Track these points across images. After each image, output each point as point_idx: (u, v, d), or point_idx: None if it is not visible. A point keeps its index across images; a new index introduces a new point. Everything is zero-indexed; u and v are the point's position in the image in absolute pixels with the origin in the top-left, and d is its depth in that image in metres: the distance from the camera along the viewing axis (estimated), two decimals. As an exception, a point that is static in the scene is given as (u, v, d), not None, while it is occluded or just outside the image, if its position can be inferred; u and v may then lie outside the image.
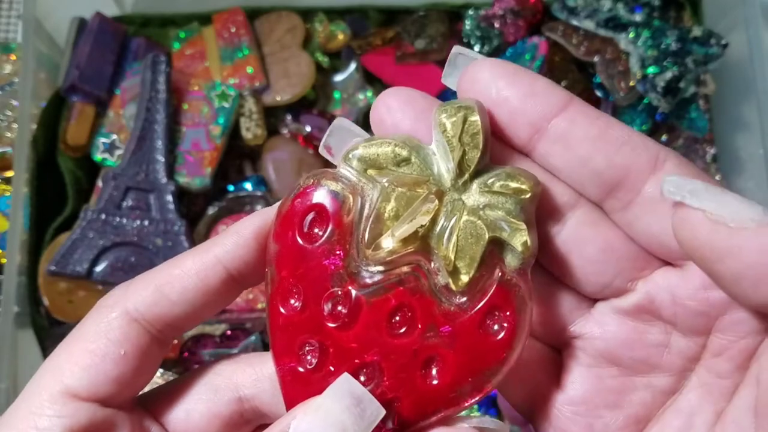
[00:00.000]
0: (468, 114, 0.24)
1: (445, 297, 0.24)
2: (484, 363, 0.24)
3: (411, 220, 0.24)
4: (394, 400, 0.25)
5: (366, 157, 0.24)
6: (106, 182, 0.65)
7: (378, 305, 0.24)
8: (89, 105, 0.69)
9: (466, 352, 0.24)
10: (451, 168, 0.24)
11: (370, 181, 0.25)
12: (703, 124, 0.68)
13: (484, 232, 0.24)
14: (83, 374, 0.25)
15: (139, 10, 0.77)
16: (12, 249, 0.61)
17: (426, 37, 0.72)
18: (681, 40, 0.65)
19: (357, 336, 0.25)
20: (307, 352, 0.25)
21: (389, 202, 0.24)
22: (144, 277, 0.26)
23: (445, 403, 0.25)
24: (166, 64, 0.67)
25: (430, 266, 0.24)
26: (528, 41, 0.69)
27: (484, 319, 0.24)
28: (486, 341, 0.24)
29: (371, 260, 0.24)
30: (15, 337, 0.60)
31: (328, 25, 0.74)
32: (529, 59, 0.68)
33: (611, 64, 0.67)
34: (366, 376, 0.25)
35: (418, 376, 0.25)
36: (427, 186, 0.24)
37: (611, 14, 0.67)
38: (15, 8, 0.82)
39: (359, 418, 0.23)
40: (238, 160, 0.73)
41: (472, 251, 0.24)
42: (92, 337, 0.25)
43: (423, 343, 0.24)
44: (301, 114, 0.73)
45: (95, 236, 0.63)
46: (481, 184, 0.24)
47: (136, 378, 0.26)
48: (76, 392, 0.25)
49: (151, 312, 0.26)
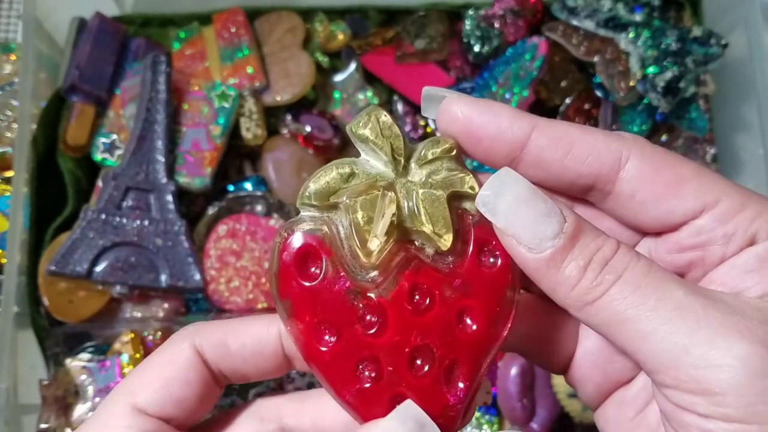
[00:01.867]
0: (377, 114, 0.28)
1: (440, 262, 0.27)
2: (499, 290, 0.28)
3: (382, 216, 0.27)
4: (453, 362, 0.27)
5: (319, 191, 0.27)
6: (106, 182, 0.65)
7: (397, 297, 0.27)
8: (89, 105, 0.69)
9: (481, 289, 0.27)
10: (389, 161, 0.27)
11: (332, 207, 0.27)
12: (703, 124, 0.68)
13: (441, 193, 0.27)
14: (152, 394, 0.28)
15: (139, 10, 0.77)
16: (12, 249, 0.61)
17: (426, 37, 0.72)
18: (681, 40, 0.65)
19: (395, 331, 0.27)
20: (362, 369, 0.27)
21: (357, 212, 0.27)
22: (218, 322, 0.30)
23: (490, 341, 0.28)
24: (166, 64, 0.67)
25: (416, 245, 0.28)
26: (528, 41, 0.69)
27: (479, 257, 0.28)
28: (490, 272, 0.27)
29: (369, 266, 0.27)
30: (15, 337, 0.60)
31: (328, 25, 0.74)
32: (529, 59, 0.68)
33: (611, 64, 0.67)
34: (421, 358, 0.27)
35: (458, 331, 0.27)
36: (379, 184, 0.27)
37: (611, 14, 0.67)
38: (15, 8, 0.82)
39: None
40: (238, 160, 0.73)
41: (441, 213, 0.27)
42: (164, 362, 0.29)
43: (448, 305, 0.27)
44: (301, 114, 0.73)
45: (95, 236, 0.63)
46: (417, 161, 0.28)
47: (197, 404, 0.29)
48: (144, 408, 0.28)
49: (212, 354, 0.29)
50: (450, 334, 0.27)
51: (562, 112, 0.70)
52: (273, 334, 0.29)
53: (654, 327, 0.24)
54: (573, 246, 0.25)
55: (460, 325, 0.27)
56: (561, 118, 0.69)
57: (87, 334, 0.64)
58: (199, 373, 0.29)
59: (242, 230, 0.68)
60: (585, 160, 0.27)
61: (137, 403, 0.28)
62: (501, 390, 0.63)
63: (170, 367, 0.28)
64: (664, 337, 0.24)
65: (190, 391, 0.28)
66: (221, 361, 0.29)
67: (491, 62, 0.70)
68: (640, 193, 0.27)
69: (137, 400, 0.28)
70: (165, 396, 0.28)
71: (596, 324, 0.25)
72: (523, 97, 0.68)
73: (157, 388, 0.28)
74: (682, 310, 0.24)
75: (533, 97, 0.68)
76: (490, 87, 0.69)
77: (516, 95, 0.68)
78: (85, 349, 0.63)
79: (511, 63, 0.69)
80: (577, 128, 0.27)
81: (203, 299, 0.67)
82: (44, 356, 0.64)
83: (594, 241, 0.25)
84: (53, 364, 0.63)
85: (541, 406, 0.64)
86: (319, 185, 0.27)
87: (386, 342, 0.27)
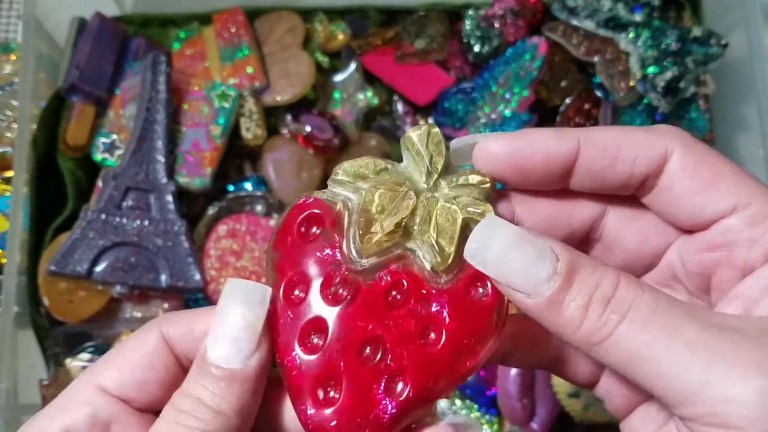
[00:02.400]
0: (431, 128, 0.28)
1: (432, 279, 0.27)
2: (475, 325, 0.27)
3: (395, 213, 0.27)
4: (401, 369, 0.27)
5: (351, 170, 0.28)
6: (106, 182, 0.65)
7: (375, 285, 0.27)
8: (89, 105, 0.69)
9: (458, 316, 0.27)
10: (423, 172, 0.28)
11: (356, 191, 0.28)
12: (703, 124, 0.68)
13: (458, 213, 0.27)
14: (115, 375, 0.29)
15: (139, 10, 0.77)
16: (12, 249, 0.61)
17: (426, 37, 0.72)
18: (681, 40, 0.65)
19: (358, 313, 0.27)
20: (313, 336, 0.27)
21: (374, 200, 0.27)
22: (185, 311, 0.31)
23: (447, 369, 0.27)
24: (166, 64, 0.67)
25: (415, 254, 0.28)
26: (528, 41, 0.69)
27: (469, 288, 0.27)
28: (473, 305, 0.27)
29: (364, 252, 0.27)
30: (15, 337, 0.60)
31: (328, 25, 0.74)
32: (529, 59, 0.68)
33: (611, 64, 0.67)
34: (371, 349, 0.27)
35: (419, 344, 0.27)
36: (406, 186, 0.28)
37: (611, 14, 0.67)
38: (15, 8, 0.82)
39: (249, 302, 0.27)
40: (238, 160, 0.73)
41: (451, 230, 0.27)
42: (130, 348, 0.30)
43: (419, 314, 0.27)
44: (301, 114, 0.73)
45: (95, 236, 0.63)
46: (449, 181, 0.28)
47: (158, 389, 0.29)
48: (106, 388, 0.29)
49: (179, 340, 0.30)
50: (409, 342, 0.27)
51: (562, 112, 0.70)
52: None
53: (668, 366, 0.24)
54: (570, 285, 0.25)
55: (422, 340, 0.27)
56: (561, 118, 0.69)
57: (87, 334, 0.64)
58: (162, 358, 0.30)
59: (242, 230, 0.68)
60: (634, 162, 0.27)
61: (100, 382, 0.29)
62: (501, 390, 0.63)
63: (135, 352, 0.29)
64: (680, 375, 0.24)
65: (153, 375, 0.29)
66: (188, 346, 0.30)
67: (491, 62, 0.70)
68: (678, 185, 0.27)
69: (101, 379, 0.29)
70: (127, 377, 0.29)
71: (608, 363, 0.25)
72: (523, 97, 0.68)
73: (120, 369, 0.29)
74: (695, 346, 0.24)
75: (533, 97, 0.68)
76: (490, 87, 0.69)
77: (516, 95, 0.68)
78: (85, 349, 0.63)
79: (511, 63, 0.69)
80: (619, 131, 0.28)
81: (203, 299, 0.67)
82: (44, 356, 0.64)
83: (591, 277, 0.25)
84: (53, 364, 0.63)
85: (541, 406, 0.64)
86: (351, 165, 0.28)
87: (346, 319, 0.27)
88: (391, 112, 0.74)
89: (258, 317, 0.27)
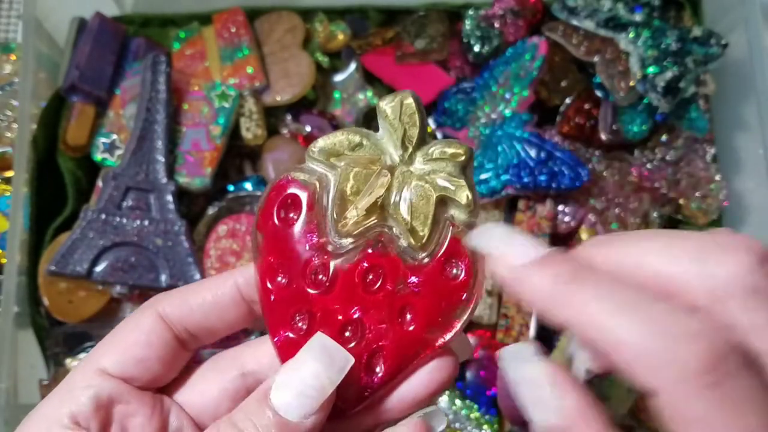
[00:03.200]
0: (403, 98, 0.28)
1: (408, 256, 0.28)
2: (449, 303, 0.28)
3: (370, 193, 0.28)
4: (379, 349, 0.29)
5: (325, 148, 0.29)
6: (106, 182, 0.65)
7: (353, 269, 0.28)
8: (89, 105, 0.69)
9: (433, 296, 0.28)
10: (397, 145, 0.28)
11: (332, 167, 0.29)
12: (703, 125, 0.68)
13: (432, 192, 0.28)
14: (114, 356, 0.30)
15: (139, 10, 0.77)
16: (12, 249, 0.61)
17: (426, 37, 0.72)
18: (681, 40, 0.65)
19: (338, 298, 0.28)
20: (298, 320, 0.29)
21: (349, 181, 0.28)
22: (177, 289, 0.32)
23: (422, 344, 0.28)
24: (166, 65, 0.67)
25: (392, 232, 0.28)
26: (528, 41, 0.69)
27: (444, 267, 0.28)
28: (448, 284, 0.28)
29: (341, 233, 0.28)
30: (15, 337, 0.60)
31: (328, 25, 0.74)
32: (529, 59, 0.68)
33: (611, 64, 0.67)
34: (351, 331, 0.28)
35: (395, 324, 0.28)
36: (380, 163, 0.28)
37: (611, 14, 0.67)
38: (15, 8, 0.82)
39: (330, 366, 0.27)
40: (238, 160, 0.73)
41: (425, 210, 0.28)
42: (126, 329, 0.31)
43: (396, 296, 0.28)
44: (301, 114, 0.73)
45: (95, 236, 0.63)
46: (424, 154, 0.28)
47: (158, 366, 0.30)
48: (106, 369, 0.30)
49: (175, 315, 0.31)
50: (387, 323, 0.28)
51: (562, 112, 0.70)
52: (229, 284, 0.31)
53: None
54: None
55: (399, 319, 0.28)
56: (561, 118, 0.69)
57: (87, 334, 0.64)
58: (160, 335, 0.30)
59: (242, 230, 0.68)
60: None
61: (100, 365, 0.30)
62: (501, 391, 0.63)
63: (133, 332, 0.30)
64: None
65: (151, 352, 0.30)
66: (185, 319, 0.31)
67: (491, 62, 0.70)
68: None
69: (101, 361, 0.30)
70: (126, 357, 0.30)
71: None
72: (523, 97, 0.68)
73: (119, 350, 0.30)
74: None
75: (533, 97, 0.68)
76: (490, 87, 0.69)
77: (516, 95, 0.68)
78: (85, 349, 0.63)
79: (511, 63, 0.69)
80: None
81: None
82: (44, 356, 0.64)
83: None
84: (53, 364, 0.63)
85: None
86: (326, 143, 0.29)
87: (327, 304, 0.28)
88: (391, 112, 0.74)
89: (332, 382, 0.27)
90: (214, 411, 0.32)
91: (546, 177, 0.65)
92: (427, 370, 0.29)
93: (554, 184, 0.65)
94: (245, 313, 0.32)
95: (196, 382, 0.32)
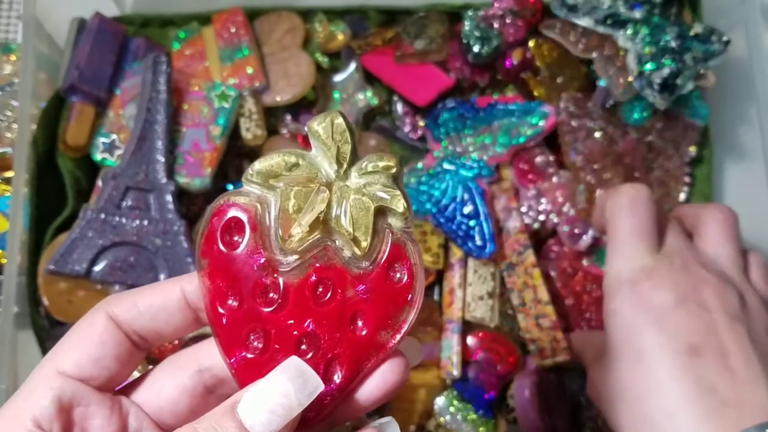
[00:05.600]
0: (334, 118, 0.30)
1: (353, 265, 0.30)
2: (396, 306, 0.30)
3: (311, 210, 0.29)
4: (335, 357, 0.30)
5: (263, 170, 0.30)
6: (105, 182, 0.65)
7: (302, 284, 0.30)
8: (89, 105, 0.69)
9: (380, 300, 0.30)
10: (332, 162, 0.30)
11: (271, 189, 0.30)
12: (705, 113, 0.68)
13: (370, 203, 0.29)
14: (71, 357, 0.31)
15: (139, 10, 0.77)
16: (12, 249, 0.61)
17: (426, 38, 0.72)
18: (680, 37, 0.64)
19: (291, 313, 0.30)
20: (252, 339, 0.30)
21: (290, 200, 0.29)
22: (130, 291, 0.33)
23: (375, 347, 0.30)
24: (166, 65, 0.67)
25: (335, 244, 0.30)
26: (544, 106, 0.69)
27: (388, 272, 0.30)
28: (393, 288, 0.30)
29: (287, 251, 0.29)
30: (15, 337, 0.60)
31: (328, 25, 0.74)
32: (533, 123, 0.68)
33: (609, 61, 0.67)
34: (307, 344, 0.30)
35: (348, 331, 0.30)
36: (317, 180, 0.30)
37: (611, 11, 0.67)
38: (15, 8, 0.82)
39: (302, 388, 0.28)
40: (238, 160, 0.73)
41: (365, 221, 0.29)
42: (80, 329, 0.32)
43: (345, 304, 0.30)
44: (301, 114, 0.73)
45: (94, 236, 0.63)
46: (358, 169, 0.30)
47: (114, 365, 0.32)
48: (65, 371, 0.31)
49: (124, 317, 0.32)
50: (340, 331, 0.30)
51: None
52: (176, 290, 0.32)
53: None
54: None
55: (351, 326, 0.30)
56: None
57: (87, 334, 0.64)
58: (112, 335, 0.31)
59: (242, 230, 0.68)
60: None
61: (59, 366, 0.31)
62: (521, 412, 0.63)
63: (86, 333, 0.32)
64: None
65: (107, 351, 0.31)
66: (133, 322, 0.32)
67: (501, 105, 0.70)
68: None
69: (59, 363, 0.31)
70: (83, 357, 0.31)
71: None
72: (497, 153, 0.68)
73: (76, 351, 0.31)
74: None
75: (507, 160, 0.68)
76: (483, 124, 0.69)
77: (497, 146, 0.68)
78: (84, 349, 0.63)
79: (515, 114, 0.69)
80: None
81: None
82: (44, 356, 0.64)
83: None
84: (53, 364, 0.63)
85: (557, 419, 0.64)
86: (263, 166, 0.30)
87: (281, 321, 0.30)
88: (391, 112, 0.74)
89: (300, 405, 0.28)
90: (172, 409, 0.33)
91: (461, 234, 0.65)
92: (380, 372, 0.31)
93: (460, 242, 0.65)
94: (192, 320, 0.33)
95: (154, 381, 0.33)
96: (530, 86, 0.71)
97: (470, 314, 0.65)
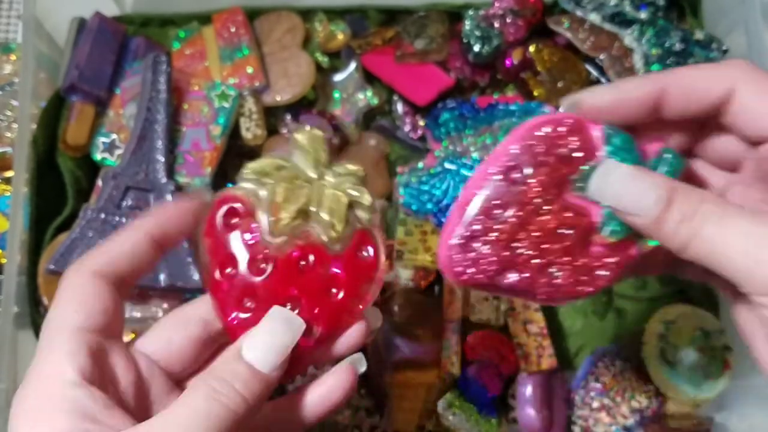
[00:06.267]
0: (313, 131, 0.38)
1: (329, 247, 0.36)
2: (364, 278, 0.37)
3: (296, 201, 0.36)
4: (314, 317, 0.36)
5: (257, 169, 0.36)
6: (105, 181, 0.65)
7: (288, 258, 0.36)
8: (89, 105, 0.69)
9: (352, 273, 0.37)
10: (311, 165, 0.37)
11: (263, 185, 0.36)
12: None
13: (344, 198, 0.36)
14: (79, 313, 0.33)
15: (139, 10, 0.77)
16: (12, 249, 0.61)
17: (426, 37, 0.72)
18: (684, 41, 0.65)
19: (278, 281, 0.36)
20: (246, 302, 0.36)
21: (279, 193, 0.36)
22: (98, 247, 0.37)
23: (347, 311, 0.37)
24: (167, 64, 0.67)
25: (315, 230, 0.36)
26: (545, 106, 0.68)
27: (357, 251, 0.37)
28: (362, 263, 0.37)
29: (275, 233, 0.36)
30: (15, 337, 0.60)
31: (328, 25, 0.74)
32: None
33: (617, 61, 0.67)
34: (291, 305, 0.36)
35: (325, 296, 0.36)
36: (301, 178, 0.36)
37: (617, 9, 0.67)
38: (15, 8, 0.82)
39: (289, 327, 0.34)
40: (238, 160, 0.72)
41: (340, 211, 0.36)
42: (72, 289, 0.34)
43: (324, 276, 0.36)
44: (301, 114, 0.73)
45: (94, 235, 0.63)
46: (332, 172, 0.37)
47: (112, 313, 0.35)
48: (81, 326, 0.33)
49: (105, 270, 0.35)
50: (318, 296, 0.36)
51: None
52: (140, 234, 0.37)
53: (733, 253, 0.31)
54: (670, 207, 0.32)
55: (328, 293, 0.36)
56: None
57: (87, 334, 0.64)
58: (101, 286, 0.35)
59: (242, 230, 0.68)
60: (706, 94, 0.35)
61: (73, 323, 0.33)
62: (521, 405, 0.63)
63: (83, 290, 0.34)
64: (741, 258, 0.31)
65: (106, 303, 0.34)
66: (111, 267, 0.35)
67: (502, 105, 0.70)
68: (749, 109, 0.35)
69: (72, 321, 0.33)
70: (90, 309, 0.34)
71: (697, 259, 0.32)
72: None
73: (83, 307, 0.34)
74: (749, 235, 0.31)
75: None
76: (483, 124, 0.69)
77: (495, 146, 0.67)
78: (84, 348, 0.63)
79: (515, 115, 0.68)
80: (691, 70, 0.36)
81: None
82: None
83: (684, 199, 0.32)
84: (53, 364, 0.63)
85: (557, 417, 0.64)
86: (257, 165, 0.36)
87: (269, 287, 0.36)
88: (391, 111, 0.74)
89: (292, 339, 0.34)
90: (181, 357, 0.37)
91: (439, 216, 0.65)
92: (350, 331, 0.37)
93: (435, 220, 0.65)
94: (158, 252, 0.37)
95: (161, 333, 0.38)
96: (530, 86, 0.71)
97: (476, 316, 0.65)
